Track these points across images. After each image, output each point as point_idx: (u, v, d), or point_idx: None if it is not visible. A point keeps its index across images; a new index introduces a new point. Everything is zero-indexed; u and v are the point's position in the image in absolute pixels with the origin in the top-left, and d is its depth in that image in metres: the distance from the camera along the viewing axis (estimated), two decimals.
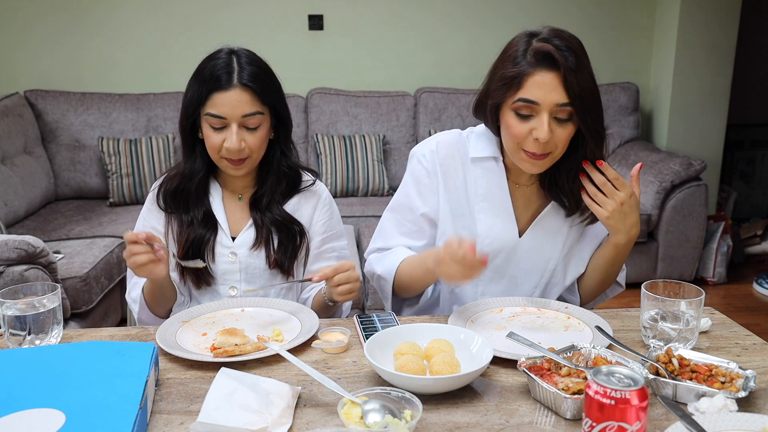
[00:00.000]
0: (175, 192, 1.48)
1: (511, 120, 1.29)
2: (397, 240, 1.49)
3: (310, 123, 3.76)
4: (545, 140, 1.25)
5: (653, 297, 1.17)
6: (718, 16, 3.79)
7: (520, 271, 1.46)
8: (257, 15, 3.79)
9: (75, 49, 3.77)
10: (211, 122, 1.39)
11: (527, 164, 1.32)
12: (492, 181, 1.43)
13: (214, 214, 1.48)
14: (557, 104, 1.24)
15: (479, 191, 1.43)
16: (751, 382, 0.99)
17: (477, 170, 1.43)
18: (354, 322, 1.31)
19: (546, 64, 1.24)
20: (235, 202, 1.52)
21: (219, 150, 1.40)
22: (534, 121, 1.26)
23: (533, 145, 1.28)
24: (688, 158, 3.47)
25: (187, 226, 1.47)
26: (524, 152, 1.30)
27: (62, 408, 0.90)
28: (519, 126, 1.28)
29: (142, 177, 3.46)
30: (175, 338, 1.23)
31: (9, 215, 3.07)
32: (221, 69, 1.38)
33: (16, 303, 1.18)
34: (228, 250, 1.48)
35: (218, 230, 1.48)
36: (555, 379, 1.00)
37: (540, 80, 1.24)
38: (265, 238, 1.47)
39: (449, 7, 3.84)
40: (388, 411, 0.92)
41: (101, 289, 2.69)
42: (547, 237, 1.44)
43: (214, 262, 1.47)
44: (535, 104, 1.25)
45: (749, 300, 3.56)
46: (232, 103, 1.37)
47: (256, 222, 1.48)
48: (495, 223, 1.43)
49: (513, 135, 1.29)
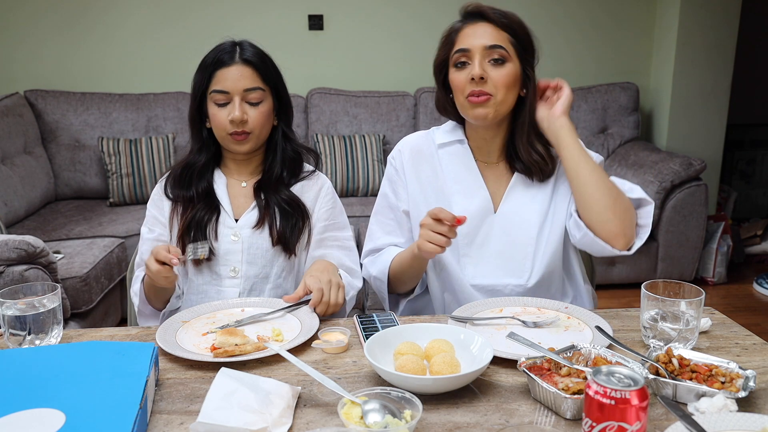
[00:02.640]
0: (181, 174, 1.53)
1: (452, 74, 1.42)
2: (383, 240, 1.56)
3: (310, 123, 3.76)
4: (478, 75, 1.36)
5: (653, 297, 1.17)
6: (718, 16, 3.79)
7: (505, 245, 1.48)
8: (257, 15, 3.79)
9: (75, 49, 3.77)
10: (215, 99, 1.46)
11: (472, 110, 1.40)
12: (461, 163, 1.51)
13: (217, 196, 1.53)
14: (486, 47, 1.38)
15: (450, 175, 1.51)
16: (751, 382, 0.99)
17: (444, 156, 1.52)
18: (354, 322, 1.31)
19: (474, 17, 1.42)
20: (239, 188, 1.56)
21: (225, 127, 1.46)
22: (470, 67, 1.39)
23: (470, 86, 1.38)
24: (688, 158, 3.47)
25: (189, 203, 1.51)
26: (468, 100, 1.39)
27: (62, 408, 0.90)
28: (459, 75, 1.40)
29: (142, 177, 3.46)
30: (175, 338, 1.23)
31: (9, 215, 3.07)
32: (224, 51, 1.47)
33: (16, 303, 1.18)
34: (231, 230, 1.51)
35: (221, 211, 1.52)
36: (555, 379, 1.00)
37: (470, 31, 1.41)
38: (269, 217, 1.51)
39: (450, 6, 3.83)
40: (388, 411, 0.92)
41: (101, 289, 2.69)
42: (521, 207, 1.49)
43: (216, 241, 1.50)
44: (467, 51, 1.39)
45: (749, 300, 3.56)
46: (234, 78, 1.45)
47: (259, 204, 1.52)
48: (471, 203, 1.49)
49: (456, 86, 1.41)
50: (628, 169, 3.60)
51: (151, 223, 1.56)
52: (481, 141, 1.50)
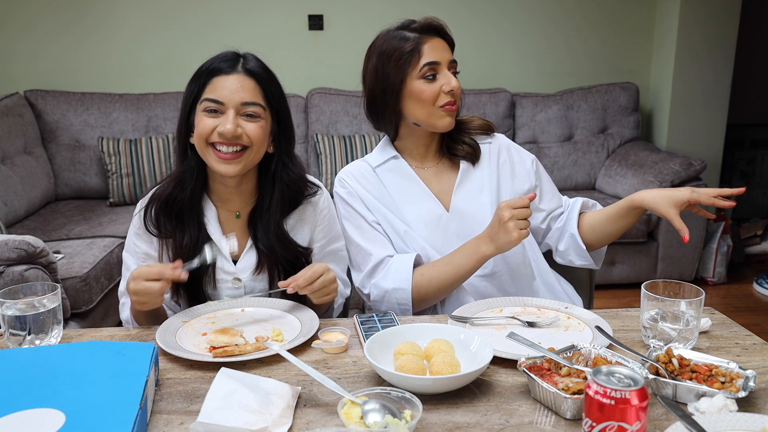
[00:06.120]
0: (166, 206, 1.37)
1: (421, 86, 1.47)
2: (380, 253, 1.50)
3: (310, 123, 3.76)
4: (456, 88, 1.47)
5: (653, 297, 1.17)
6: (718, 16, 3.79)
7: (464, 239, 1.48)
8: (257, 15, 3.79)
9: (75, 49, 3.77)
10: (206, 107, 1.27)
11: (446, 118, 1.49)
12: (400, 176, 1.57)
13: (210, 235, 1.39)
14: (451, 61, 1.49)
15: (394, 189, 1.56)
16: (751, 382, 0.99)
17: (383, 173, 1.58)
18: (354, 322, 1.31)
19: (433, 32, 1.49)
20: (232, 221, 1.43)
21: (208, 136, 1.28)
22: (440, 78, 1.47)
23: (446, 98, 1.47)
24: (688, 158, 3.47)
25: (180, 244, 1.37)
26: (441, 109, 1.47)
27: (62, 408, 0.90)
28: (430, 87, 1.46)
29: (142, 177, 3.46)
30: (175, 338, 1.23)
31: (9, 215, 3.07)
32: (224, 59, 1.31)
33: (16, 303, 1.18)
34: (230, 276, 1.42)
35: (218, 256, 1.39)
36: (555, 379, 1.00)
37: (433, 45, 1.48)
38: (268, 263, 1.40)
39: (450, 6, 3.84)
40: (388, 411, 0.92)
41: (101, 289, 2.69)
42: (471, 200, 1.55)
43: (215, 289, 1.42)
44: (437, 64, 1.47)
45: (749, 300, 3.56)
46: (233, 88, 1.27)
47: (256, 243, 1.40)
48: (420, 208, 1.54)
49: (427, 98, 1.46)
50: (628, 169, 3.60)
51: (142, 259, 1.42)
52: (422, 148, 1.58)
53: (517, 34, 3.94)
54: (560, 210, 1.61)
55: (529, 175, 1.60)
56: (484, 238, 1.41)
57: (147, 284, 1.22)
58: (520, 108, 3.86)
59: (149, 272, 1.23)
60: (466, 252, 1.44)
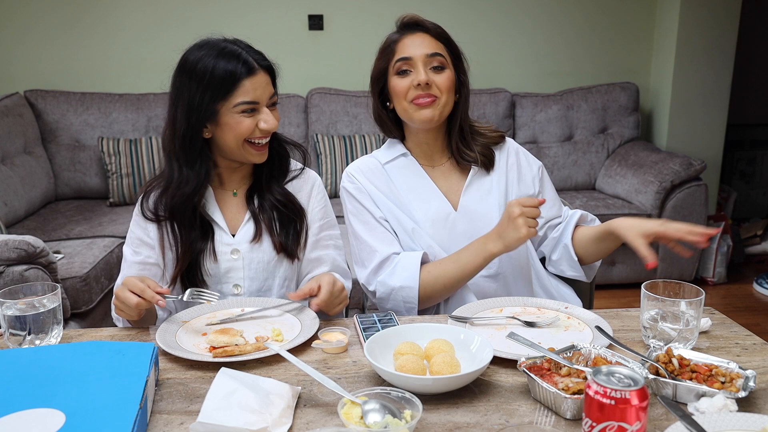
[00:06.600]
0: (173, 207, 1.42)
1: (395, 82, 1.48)
2: (386, 250, 1.51)
3: (310, 123, 3.76)
4: (424, 81, 1.43)
5: (653, 297, 1.17)
6: (718, 16, 3.79)
7: (471, 239, 1.48)
8: (257, 15, 3.79)
9: (75, 49, 3.77)
10: (243, 109, 1.37)
11: (419, 113, 1.47)
12: (409, 174, 1.57)
13: (211, 217, 1.46)
14: (427, 55, 1.46)
15: (403, 186, 1.56)
16: (751, 382, 0.99)
17: (392, 170, 1.58)
18: (354, 322, 1.31)
19: (411, 28, 1.49)
20: (230, 198, 1.50)
21: (248, 135, 1.39)
22: (413, 74, 1.46)
23: (416, 92, 1.45)
24: (688, 158, 3.48)
25: (186, 242, 1.43)
26: (413, 103, 1.46)
27: (62, 408, 0.90)
28: (401, 82, 1.47)
29: (142, 177, 3.46)
30: (175, 338, 1.23)
31: (9, 215, 3.07)
32: (241, 60, 1.37)
33: (16, 303, 1.18)
34: (229, 247, 1.46)
35: (216, 230, 1.46)
36: (555, 379, 1.00)
37: (409, 41, 1.48)
38: (268, 225, 1.47)
39: (450, 6, 3.84)
40: (388, 411, 0.92)
41: (101, 289, 2.69)
42: (479, 200, 1.55)
43: (216, 262, 1.45)
44: (409, 59, 1.46)
45: (749, 300, 3.56)
46: (262, 86, 1.39)
47: (254, 214, 1.47)
48: (429, 206, 1.54)
49: (399, 92, 1.47)
50: (628, 169, 3.60)
51: (135, 245, 1.46)
52: (425, 147, 1.57)
53: (517, 34, 3.95)
54: (559, 220, 1.60)
55: (534, 181, 1.60)
56: (491, 236, 1.42)
57: (128, 295, 1.25)
58: (520, 108, 3.86)
59: (134, 284, 1.25)
60: (472, 250, 1.44)
